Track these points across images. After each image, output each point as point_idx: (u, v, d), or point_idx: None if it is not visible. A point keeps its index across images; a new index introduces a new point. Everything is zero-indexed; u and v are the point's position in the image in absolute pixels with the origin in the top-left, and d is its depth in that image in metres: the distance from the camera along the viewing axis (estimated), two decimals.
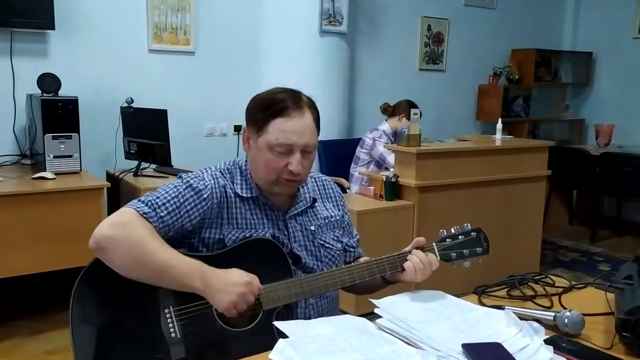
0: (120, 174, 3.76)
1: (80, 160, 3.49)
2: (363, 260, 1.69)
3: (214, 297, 1.40)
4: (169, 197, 1.49)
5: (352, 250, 1.78)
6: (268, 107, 1.54)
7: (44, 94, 3.45)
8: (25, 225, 3.06)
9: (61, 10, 3.79)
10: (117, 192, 3.73)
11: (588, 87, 6.70)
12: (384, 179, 3.69)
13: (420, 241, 1.63)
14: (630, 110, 6.20)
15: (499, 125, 4.50)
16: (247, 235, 1.56)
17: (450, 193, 3.79)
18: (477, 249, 1.65)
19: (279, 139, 1.51)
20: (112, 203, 3.68)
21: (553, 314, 1.44)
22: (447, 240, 1.65)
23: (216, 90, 4.55)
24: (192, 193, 1.52)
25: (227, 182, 1.60)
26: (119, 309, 1.43)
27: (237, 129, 4.58)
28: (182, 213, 1.49)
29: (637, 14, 6.15)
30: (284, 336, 1.28)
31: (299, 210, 1.66)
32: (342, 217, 1.76)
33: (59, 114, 3.40)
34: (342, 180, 4.43)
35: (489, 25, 6.08)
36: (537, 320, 1.41)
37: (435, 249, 1.63)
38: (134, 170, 3.76)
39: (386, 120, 4.53)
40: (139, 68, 4.21)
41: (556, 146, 5.19)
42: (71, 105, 3.43)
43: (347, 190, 4.34)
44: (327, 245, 1.68)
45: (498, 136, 4.46)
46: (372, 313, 1.43)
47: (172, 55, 4.37)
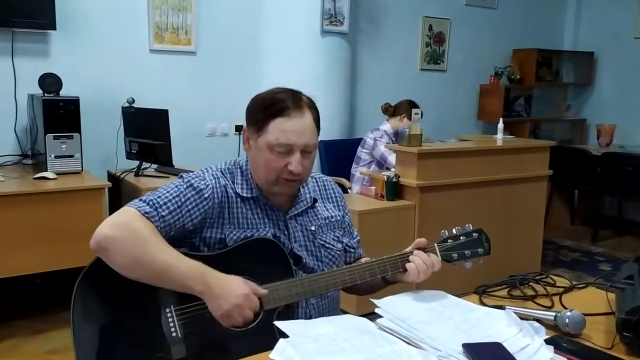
0: (122, 174, 3.76)
1: (82, 160, 3.50)
2: (364, 260, 1.69)
3: (211, 301, 1.40)
4: (170, 197, 1.49)
5: (352, 250, 1.78)
6: (268, 107, 1.54)
7: (46, 94, 3.45)
8: (26, 225, 3.06)
9: (62, 10, 3.80)
10: (118, 192, 3.73)
11: (589, 87, 6.70)
12: (385, 179, 3.68)
13: (422, 242, 1.63)
14: (632, 110, 6.20)
15: (500, 125, 4.50)
16: (248, 235, 1.56)
17: (452, 193, 3.79)
18: (478, 249, 1.65)
19: (279, 139, 1.52)
20: (114, 203, 3.68)
21: (554, 313, 1.44)
22: (448, 240, 1.65)
23: (217, 90, 4.55)
24: (193, 192, 1.52)
25: (227, 182, 1.60)
26: (120, 308, 1.43)
27: (239, 129, 4.58)
28: (183, 212, 1.49)
29: (639, 14, 6.15)
30: (285, 336, 1.28)
31: (300, 210, 1.66)
32: (343, 217, 1.76)
33: (60, 114, 3.40)
34: (343, 181, 4.43)
35: (490, 25, 6.08)
36: (538, 320, 1.41)
37: (436, 249, 1.63)
38: (135, 170, 3.76)
39: (387, 120, 4.53)
40: (140, 68, 4.22)
41: (558, 146, 5.19)
42: (72, 105, 3.44)
43: (349, 191, 4.34)
44: (327, 245, 1.68)
45: (499, 136, 4.46)
46: (373, 313, 1.42)
47: (173, 55, 4.37)
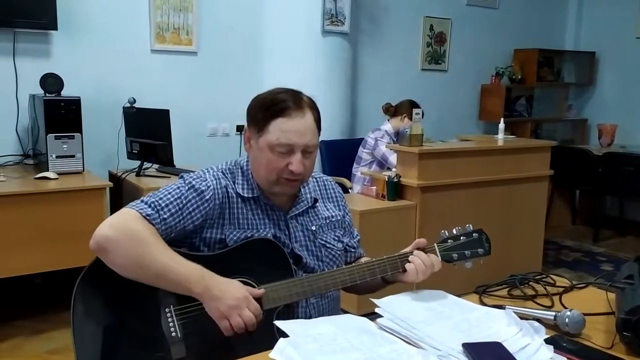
0: (123, 174, 3.76)
1: (83, 160, 3.50)
2: (364, 260, 1.69)
3: (209, 303, 1.40)
4: (172, 199, 1.49)
5: (352, 250, 1.78)
6: (269, 107, 1.54)
7: (47, 94, 3.46)
8: (27, 225, 3.06)
9: (64, 10, 3.80)
10: (119, 192, 3.74)
11: (591, 87, 6.69)
12: (386, 179, 3.68)
13: (421, 242, 1.63)
14: (633, 110, 6.19)
15: (502, 125, 4.49)
16: (249, 235, 1.56)
17: (453, 193, 3.79)
18: (478, 249, 1.65)
19: (279, 139, 1.52)
20: (115, 203, 3.68)
21: (554, 313, 1.44)
22: (448, 241, 1.65)
23: (219, 90, 4.55)
24: (195, 194, 1.52)
25: (228, 182, 1.60)
26: (120, 308, 1.43)
27: (240, 129, 4.58)
28: (184, 214, 1.49)
29: None
30: (285, 335, 1.28)
31: (300, 210, 1.66)
32: (343, 217, 1.76)
33: (61, 114, 3.41)
34: (344, 180, 4.43)
35: (491, 25, 6.08)
36: (538, 320, 1.41)
37: (437, 249, 1.63)
38: (136, 170, 3.77)
39: (388, 120, 4.53)
40: (141, 68, 4.22)
41: (559, 146, 5.19)
42: (74, 105, 3.44)
43: (350, 190, 4.34)
44: (328, 245, 1.68)
45: (500, 136, 4.45)
46: (374, 313, 1.42)
47: (175, 56, 4.37)
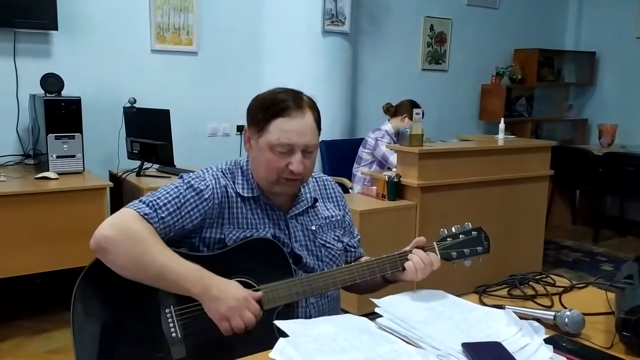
0: (123, 174, 3.76)
1: (83, 160, 3.50)
2: (364, 260, 1.69)
3: (209, 304, 1.40)
4: (170, 198, 1.50)
5: (353, 250, 1.78)
6: (269, 107, 1.54)
7: (47, 94, 3.46)
8: (27, 225, 3.06)
9: (64, 10, 3.80)
10: (119, 192, 3.74)
11: (591, 87, 6.69)
12: (387, 179, 3.68)
13: (421, 241, 1.63)
14: (634, 110, 6.19)
15: (502, 125, 4.49)
16: (248, 235, 1.56)
17: (453, 193, 3.79)
18: (477, 248, 1.65)
19: (280, 139, 1.52)
20: (115, 203, 3.68)
21: (553, 313, 1.44)
22: (447, 239, 1.65)
23: (219, 90, 4.55)
24: (193, 193, 1.52)
25: (228, 182, 1.60)
26: (120, 308, 1.43)
27: (240, 129, 4.58)
28: (183, 214, 1.49)
29: None
30: (285, 335, 1.28)
31: (300, 210, 1.66)
32: (343, 217, 1.76)
33: (62, 114, 3.41)
34: (345, 180, 4.43)
35: (491, 25, 6.08)
36: (538, 320, 1.41)
37: (436, 248, 1.63)
38: (136, 170, 3.77)
39: (389, 120, 4.53)
40: (141, 68, 4.22)
41: (559, 146, 5.19)
42: (74, 105, 3.44)
43: (350, 190, 4.34)
44: (328, 245, 1.68)
45: (501, 136, 4.45)
46: (374, 313, 1.43)
47: (175, 56, 4.37)
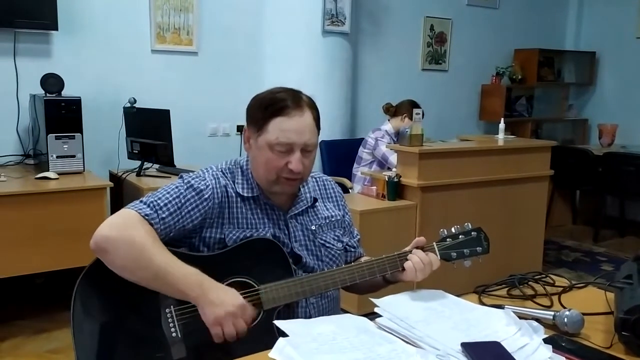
0: (123, 174, 3.77)
1: (84, 160, 3.50)
2: (364, 260, 1.69)
3: (205, 307, 1.40)
4: (171, 198, 1.50)
5: (352, 250, 1.79)
6: (268, 106, 1.54)
7: (47, 94, 3.46)
8: (28, 224, 3.07)
9: (64, 10, 3.81)
10: (120, 192, 3.74)
11: (591, 87, 6.69)
12: (387, 179, 3.69)
13: (421, 241, 1.63)
14: (634, 110, 6.19)
15: (502, 125, 4.49)
16: (248, 234, 1.57)
17: (453, 193, 3.79)
18: (477, 248, 1.66)
19: (279, 138, 1.52)
20: (115, 203, 3.68)
21: (553, 313, 1.44)
22: (447, 239, 1.65)
23: (219, 91, 4.55)
24: (194, 193, 1.53)
25: (228, 181, 1.60)
26: (120, 308, 1.44)
27: (240, 129, 4.58)
28: (183, 214, 1.50)
29: None
30: (284, 335, 1.28)
31: (300, 210, 1.67)
32: (343, 217, 1.76)
33: (62, 114, 3.41)
34: (345, 180, 4.44)
35: (491, 25, 6.08)
36: (537, 320, 1.41)
37: (435, 248, 1.63)
38: (136, 170, 3.77)
39: (389, 120, 4.53)
40: (141, 68, 4.23)
41: (559, 146, 5.19)
42: (74, 105, 3.45)
43: (350, 190, 4.34)
44: (327, 244, 1.68)
45: (501, 136, 4.45)
46: (374, 313, 1.43)
47: (175, 56, 4.38)
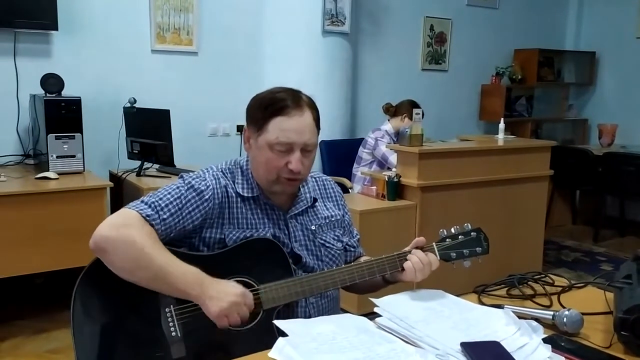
0: (123, 174, 3.77)
1: (84, 160, 3.51)
2: (363, 259, 1.70)
3: (207, 304, 1.40)
4: (172, 199, 1.50)
5: (352, 249, 1.79)
6: (268, 106, 1.55)
7: (47, 94, 3.46)
8: (28, 224, 3.07)
9: (64, 11, 3.81)
10: (120, 192, 3.74)
11: (591, 87, 6.69)
12: (386, 179, 3.69)
13: (420, 241, 1.63)
14: (634, 110, 6.19)
15: (502, 125, 4.49)
16: (248, 235, 1.57)
17: (453, 193, 3.79)
18: (477, 248, 1.66)
19: (278, 138, 1.52)
20: (115, 203, 3.69)
21: (552, 313, 1.44)
22: (447, 240, 1.66)
23: (219, 91, 4.56)
24: (194, 194, 1.53)
25: (228, 181, 1.61)
26: (120, 308, 1.44)
27: (240, 129, 4.58)
28: (184, 214, 1.50)
29: None
30: (284, 335, 1.28)
31: (300, 210, 1.67)
32: (343, 216, 1.77)
33: (62, 114, 3.41)
34: (345, 180, 4.44)
35: (491, 25, 6.08)
36: (536, 319, 1.41)
37: (435, 248, 1.64)
38: (137, 170, 3.77)
39: (388, 120, 4.53)
40: (141, 68, 4.23)
41: (559, 146, 5.19)
42: (74, 105, 3.45)
43: (350, 190, 4.34)
44: (327, 244, 1.68)
45: (501, 136, 4.45)
46: (374, 313, 1.43)
47: (175, 56, 4.38)
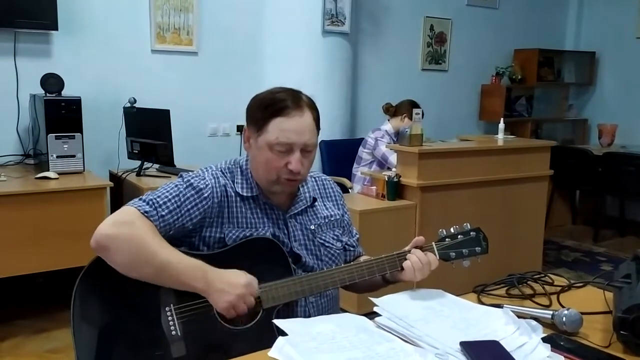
0: (123, 173, 3.77)
1: (84, 160, 3.51)
2: (363, 259, 1.70)
3: (213, 296, 1.41)
4: (170, 196, 1.50)
5: (352, 249, 1.79)
6: (268, 106, 1.55)
7: (47, 94, 3.46)
8: (28, 224, 3.07)
9: (64, 10, 3.81)
10: (120, 191, 3.75)
11: (591, 87, 6.70)
12: (386, 179, 3.69)
13: (420, 240, 1.63)
14: (633, 110, 6.19)
15: (502, 125, 4.49)
16: (248, 234, 1.57)
17: (453, 193, 3.79)
18: (476, 248, 1.66)
19: (278, 138, 1.52)
20: (115, 203, 3.68)
21: (551, 312, 1.44)
22: (446, 239, 1.66)
23: (219, 91, 4.56)
24: (193, 192, 1.53)
25: (227, 181, 1.61)
26: (120, 307, 1.44)
27: (240, 129, 4.58)
28: (183, 212, 1.50)
29: None
30: (284, 334, 1.29)
31: (299, 209, 1.67)
32: (342, 216, 1.77)
33: (62, 114, 3.41)
34: (345, 180, 4.44)
35: (491, 25, 6.08)
36: (536, 319, 1.41)
37: (434, 248, 1.64)
38: (136, 170, 3.78)
39: (388, 120, 4.53)
40: (141, 68, 4.23)
41: (559, 146, 5.19)
42: (74, 105, 3.45)
43: (350, 190, 4.34)
44: (327, 244, 1.69)
45: (500, 136, 4.45)
46: (374, 312, 1.43)
47: (175, 56, 4.38)
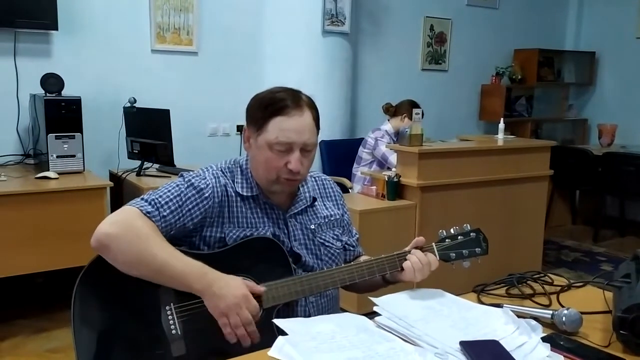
0: (123, 173, 3.77)
1: (84, 160, 3.51)
2: (363, 259, 1.70)
3: (210, 299, 1.40)
4: (172, 196, 1.50)
5: (351, 249, 1.79)
6: (267, 106, 1.55)
7: (47, 94, 3.47)
8: (28, 224, 3.07)
9: (64, 10, 3.81)
10: (120, 191, 3.75)
11: (591, 87, 6.70)
12: (386, 179, 3.69)
13: (420, 241, 1.64)
14: (633, 110, 6.19)
15: (502, 125, 4.49)
16: (248, 234, 1.57)
17: (453, 193, 3.80)
18: (476, 249, 1.66)
19: (278, 138, 1.53)
20: (115, 203, 3.68)
21: (551, 312, 1.44)
22: (446, 240, 1.66)
23: (219, 90, 4.56)
24: (194, 192, 1.53)
25: (227, 180, 1.61)
26: (120, 306, 1.44)
27: (240, 128, 4.58)
28: (184, 212, 1.50)
29: None
30: (284, 334, 1.29)
31: (299, 209, 1.67)
32: (342, 216, 1.77)
33: (62, 113, 3.42)
34: (345, 180, 4.44)
35: (491, 25, 6.08)
36: (535, 319, 1.41)
37: (434, 249, 1.64)
38: (136, 170, 3.78)
39: (388, 120, 4.53)
40: (141, 68, 4.23)
41: (559, 146, 5.20)
42: (74, 105, 3.45)
43: (350, 190, 4.35)
44: (327, 243, 1.69)
45: (500, 136, 4.45)
46: (374, 312, 1.43)
47: (175, 56, 4.38)
